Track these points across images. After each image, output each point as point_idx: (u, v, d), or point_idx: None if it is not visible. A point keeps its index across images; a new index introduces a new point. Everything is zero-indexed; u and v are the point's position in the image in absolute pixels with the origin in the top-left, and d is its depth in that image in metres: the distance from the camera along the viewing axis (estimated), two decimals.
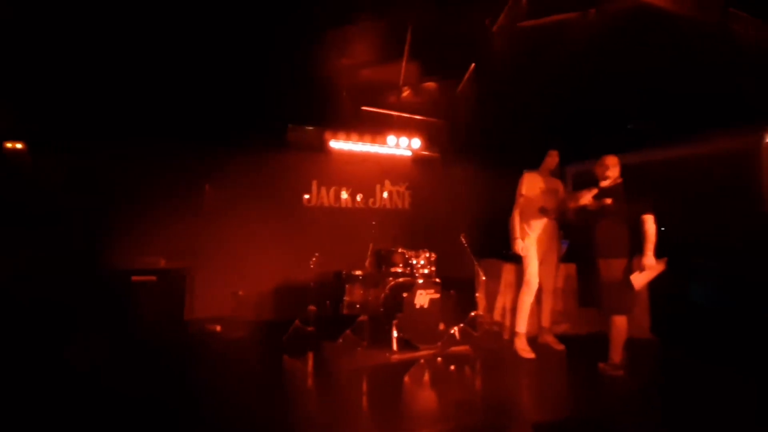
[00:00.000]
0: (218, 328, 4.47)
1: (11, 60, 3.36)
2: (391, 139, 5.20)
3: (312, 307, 4.27)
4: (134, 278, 3.84)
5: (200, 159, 4.83)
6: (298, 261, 4.72)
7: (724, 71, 3.06)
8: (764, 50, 2.66)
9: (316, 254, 4.48)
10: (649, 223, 3.08)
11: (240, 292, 4.86)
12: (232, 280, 4.81)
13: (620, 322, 3.19)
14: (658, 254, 3.09)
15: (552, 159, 3.88)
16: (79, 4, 2.88)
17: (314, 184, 5.38)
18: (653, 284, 3.34)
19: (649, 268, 3.08)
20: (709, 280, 4.90)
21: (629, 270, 3.15)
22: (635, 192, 3.19)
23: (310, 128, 5.20)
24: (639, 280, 3.11)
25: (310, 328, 4.12)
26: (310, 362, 3.51)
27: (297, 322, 4.10)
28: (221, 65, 3.78)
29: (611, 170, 3.28)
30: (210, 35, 3.30)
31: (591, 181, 3.44)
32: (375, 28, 3.13)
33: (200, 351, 3.85)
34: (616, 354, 3.21)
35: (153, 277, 3.91)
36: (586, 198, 3.34)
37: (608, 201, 3.20)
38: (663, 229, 3.16)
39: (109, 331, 3.45)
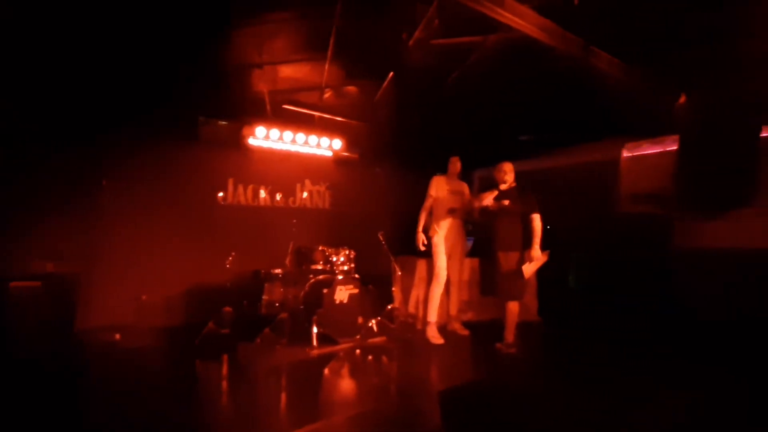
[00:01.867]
0: (117, 336, 4.06)
1: None
2: (312, 138, 5.23)
3: (227, 309, 4.12)
4: (12, 285, 3.32)
5: (96, 151, 4.32)
6: (213, 261, 4.49)
7: (590, 95, 3.74)
8: (618, 80, 3.35)
9: (233, 254, 4.34)
10: (537, 221, 3.63)
11: (143, 297, 4.47)
12: (134, 283, 4.39)
13: (513, 306, 3.71)
14: (543, 248, 3.66)
15: (454, 164, 4.33)
16: None
17: (230, 182, 5.15)
18: (539, 273, 3.94)
19: (536, 260, 3.63)
20: (581, 268, 5.85)
21: (521, 261, 3.67)
22: (526, 194, 3.73)
23: (224, 123, 4.99)
24: (528, 269, 3.64)
25: (225, 330, 3.97)
26: (225, 365, 3.36)
27: (211, 324, 3.91)
28: (119, 45, 3.43)
29: (508, 175, 3.77)
30: (105, 12, 3.00)
31: (493, 184, 3.92)
32: (298, 27, 3.18)
33: (94, 364, 3.41)
34: (510, 335, 3.72)
35: (37, 283, 3.42)
36: (488, 199, 3.80)
37: (506, 202, 3.69)
38: (548, 227, 3.75)
39: None
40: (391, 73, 3.80)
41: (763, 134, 3.98)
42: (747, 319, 3.92)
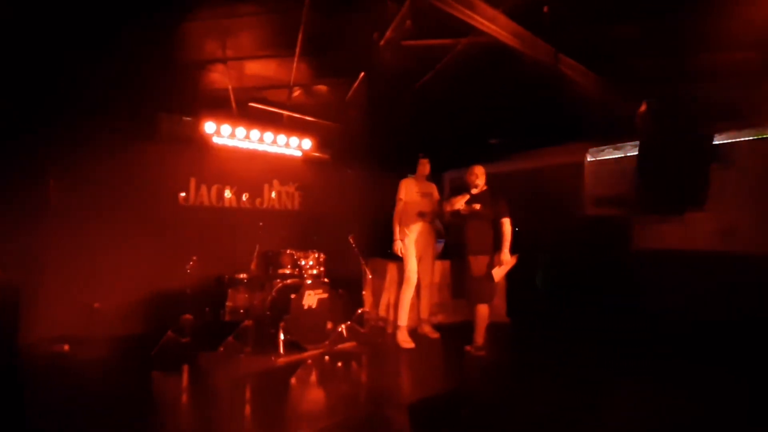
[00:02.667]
0: (66, 347, 3.77)
1: None
2: (281, 138, 5.06)
3: (188, 316, 3.90)
4: None
5: (42, 147, 4.00)
6: (173, 266, 4.25)
7: (559, 101, 3.82)
8: (584, 88, 3.43)
9: (194, 258, 4.13)
10: (507, 225, 3.65)
11: (96, 305, 4.17)
12: (86, 291, 4.09)
13: (483, 310, 3.72)
14: (513, 251, 3.70)
15: (423, 166, 4.30)
16: None
17: (192, 182, 4.90)
18: (508, 274, 3.99)
19: (506, 264, 3.65)
20: (548, 269, 5.99)
21: (491, 265, 3.68)
22: (497, 198, 3.75)
23: (186, 120, 4.74)
24: (498, 273, 3.67)
25: (185, 339, 3.75)
26: (185, 376, 3.18)
27: (169, 333, 3.69)
28: (66, 31, 3.14)
29: (479, 179, 3.78)
30: None
31: (463, 186, 3.92)
32: (264, 22, 3.04)
33: (40, 378, 3.13)
34: (480, 337, 3.73)
35: None
36: (459, 203, 3.79)
37: (476, 206, 3.70)
38: (517, 229, 3.78)
39: None
40: (362, 73, 3.72)
41: (717, 141, 4.22)
42: (694, 316, 4.14)
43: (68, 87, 3.84)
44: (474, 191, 3.79)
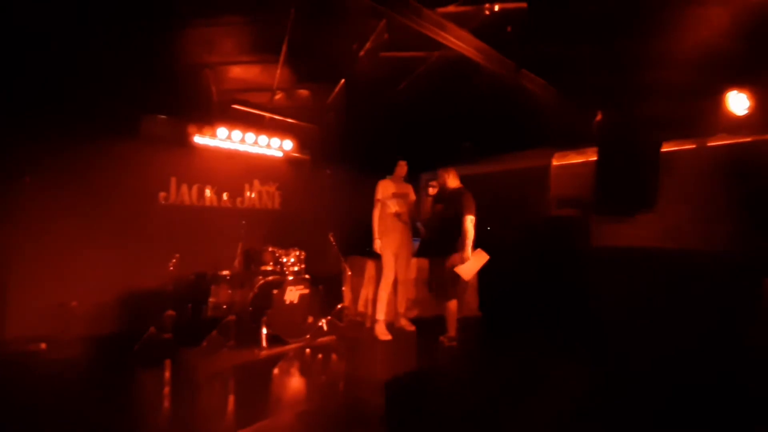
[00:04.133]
0: (43, 346, 3.76)
1: None
2: (262, 139, 5.18)
3: (170, 312, 3.98)
4: None
5: (18, 144, 3.96)
6: (154, 265, 4.29)
7: (521, 109, 4.15)
8: (545, 100, 3.77)
9: (176, 255, 4.20)
10: (467, 223, 3.83)
11: (73, 303, 4.16)
12: (63, 289, 4.07)
13: (452, 305, 3.98)
14: (483, 248, 3.95)
15: (401, 168, 4.55)
16: None
17: (173, 181, 4.95)
18: (481, 271, 4.26)
19: (468, 261, 3.83)
20: (517, 266, 6.34)
21: (456, 264, 3.90)
22: (461, 197, 3.94)
23: (168, 119, 4.79)
24: (464, 270, 3.85)
25: (167, 335, 3.84)
26: (168, 370, 3.25)
27: (152, 329, 3.76)
28: (47, 28, 3.18)
29: (446, 180, 4.04)
30: None
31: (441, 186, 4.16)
32: (250, 31, 3.19)
33: (14, 378, 3.12)
34: (452, 329, 4.00)
35: None
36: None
37: (439, 206, 3.94)
38: (489, 228, 4.06)
39: None
40: (342, 80, 3.93)
41: (663, 149, 4.66)
42: (640, 312, 4.54)
43: (46, 83, 3.82)
44: (432, 191, 4.02)
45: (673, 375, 3.31)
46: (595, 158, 5.04)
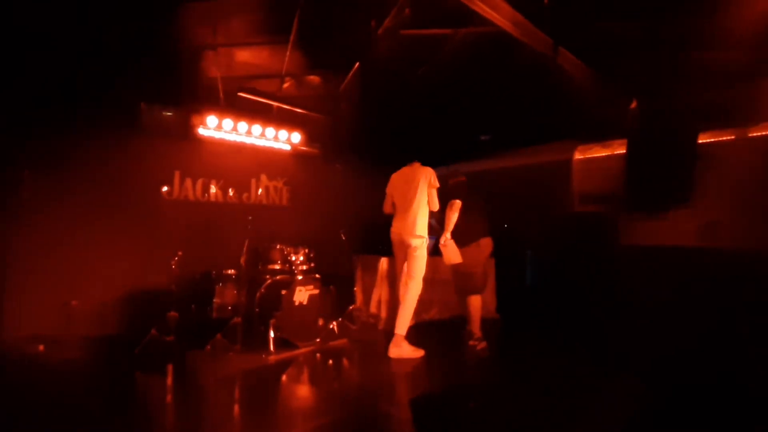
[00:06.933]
0: (41, 347, 3.56)
1: None
2: (269, 131, 4.93)
3: (173, 314, 3.75)
4: None
5: (15, 137, 3.76)
6: (156, 262, 4.08)
7: (550, 99, 3.85)
8: (579, 83, 3.47)
9: (179, 253, 3.97)
10: (453, 205, 3.50)
11: (73, 303, 3.96)
12: (62, 288, 3.88)
13: (475, 301, 3.71)
14: (504, 246, 3.68)
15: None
16: None
17: (176, 175, 4.72)
18: (498, 271, 3.99)
19: (442, 247, 3.54)
20: (536, 266, 6.06)
21: (473, 256, 3.62)
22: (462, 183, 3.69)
23: (171, 110, 4.55)
24: (447, 254, 3.54)
25: (170, 338, 3.61)
26: (170, 376, 3.04)
27: (153, 331, 3.54)
28: (43, 16, 2.98)
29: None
30: None
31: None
32: (257, 7, 2.94)
33: (12, 379, 2.97)
34: (476, 328, 3.70)
35: None
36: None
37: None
38: (506, 225, 3.80)
39: None
40: (357, 64, 3.65)
41: (700, 141, 4.34)
42: (676, 317, 4.23)
43: (44, 73, 3.63)
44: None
45: (714, 382, 3.01)
46: (622, 151, 4.74)
